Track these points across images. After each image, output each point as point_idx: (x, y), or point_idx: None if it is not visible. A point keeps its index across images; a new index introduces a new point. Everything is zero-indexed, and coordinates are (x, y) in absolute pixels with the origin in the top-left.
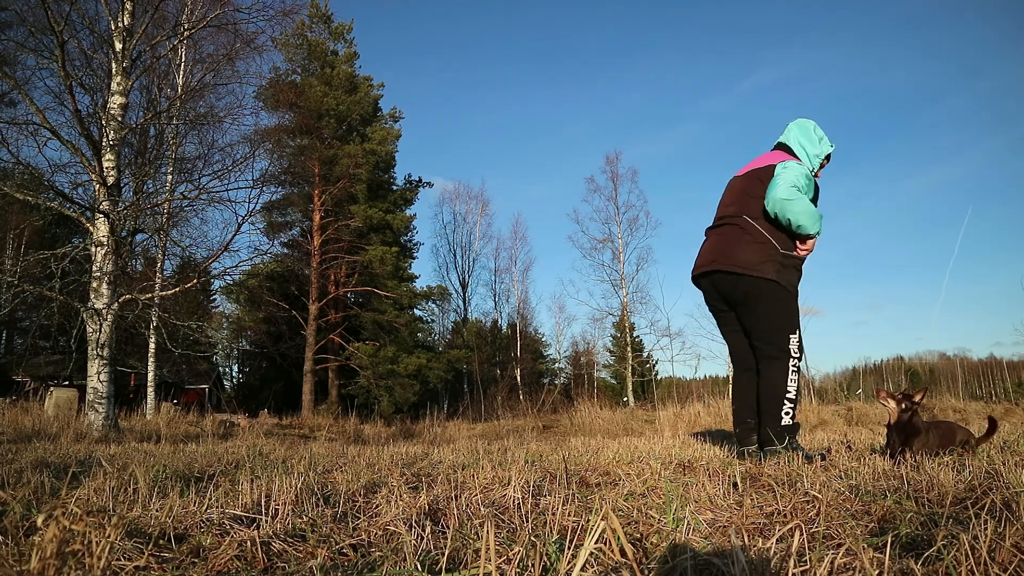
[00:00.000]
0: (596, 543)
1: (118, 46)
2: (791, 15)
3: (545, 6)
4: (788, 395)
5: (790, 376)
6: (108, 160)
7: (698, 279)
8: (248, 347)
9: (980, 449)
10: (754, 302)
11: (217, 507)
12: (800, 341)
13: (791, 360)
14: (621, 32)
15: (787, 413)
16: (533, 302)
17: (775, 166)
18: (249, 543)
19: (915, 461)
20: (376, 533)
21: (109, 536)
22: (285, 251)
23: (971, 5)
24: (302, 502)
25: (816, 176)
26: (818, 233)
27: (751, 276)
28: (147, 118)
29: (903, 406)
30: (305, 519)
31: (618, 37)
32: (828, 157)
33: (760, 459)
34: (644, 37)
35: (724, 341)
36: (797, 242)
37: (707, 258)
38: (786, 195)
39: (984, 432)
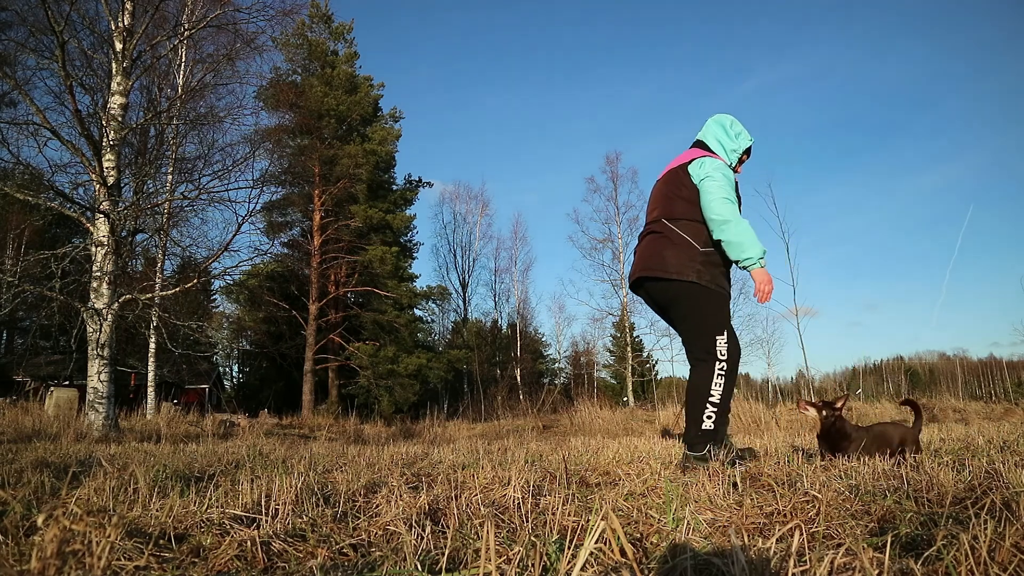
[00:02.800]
0: (596, 543)
1: (118, 46)
2: (793, 15)
3: (545, 6)
4: (712, 398)
5: (716, 379)
6: (108, 160)
7: (634, 287)
8: (248, 347)
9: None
10: (679, 306)
11: (217, 507)
12: (730, 344)
13: (718, 363)
14: (622, 32)
15: (708, 417)
16: (533, 302)
17: (689, 164)
18: (249, 543)
19: (844, 464)
20: (376, 533)
21: (109, 536)
22: (285, 251)
23: (973, 4)
24: (302, 502)
25: (736, 171)
26: (761, 261)
27: (673, 280)
28: (147, 118)
29: (823, 414)
30: (305, 519)
31: (619, 37)
32: (748, 151)
33: (683, 463)
34: (645, 37)
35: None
36: (754, 290)
37: (636, 266)
38: (723, 215)
39: (913, 420)
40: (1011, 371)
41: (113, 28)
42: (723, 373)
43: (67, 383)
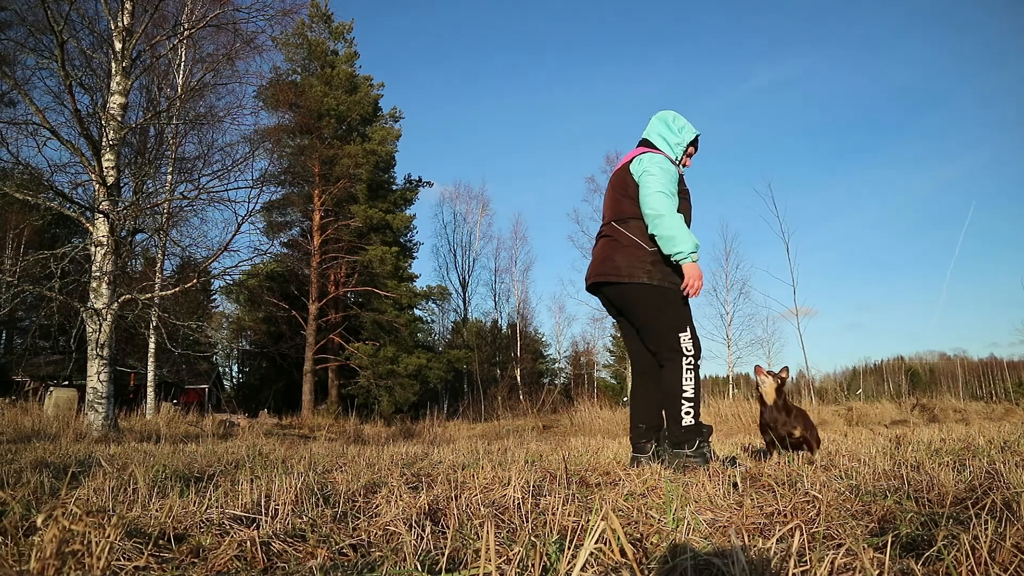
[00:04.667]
0: (596, 543)
1: (118, 46)
2: (795, 14)
3: (546, 6)
4: (685, 394)
5: (685, 375)
6: (108, 160)
7: (591, 291)
8: (248, 347)
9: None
10: (635, 308)
11: (217, 507)
12: (693, 338)
13: (684, 359)
14: (622, 32)
15: (687, 413)
16: (533, 302)
17: (631, 163)
18: (249, 543)
19: (787, 433)
20: (376, 533)
21: (109, 536)
22: (285, 251)
23: (975, 3)
24: (302, 502)
25: (684, 165)
26: (693, 256)
27: (625, 283)
28: (147, 118)
29: (778, 382)
30: (305, 519)
31: (619, 37)
32: (695, 144)
33: (665, 462)
34: (645, 37)
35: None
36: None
37: (590, 270)
38: (658, 209)
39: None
40: (1011, 371)
41: (112, 28)
42: (691, 367)
43: (66, 383)
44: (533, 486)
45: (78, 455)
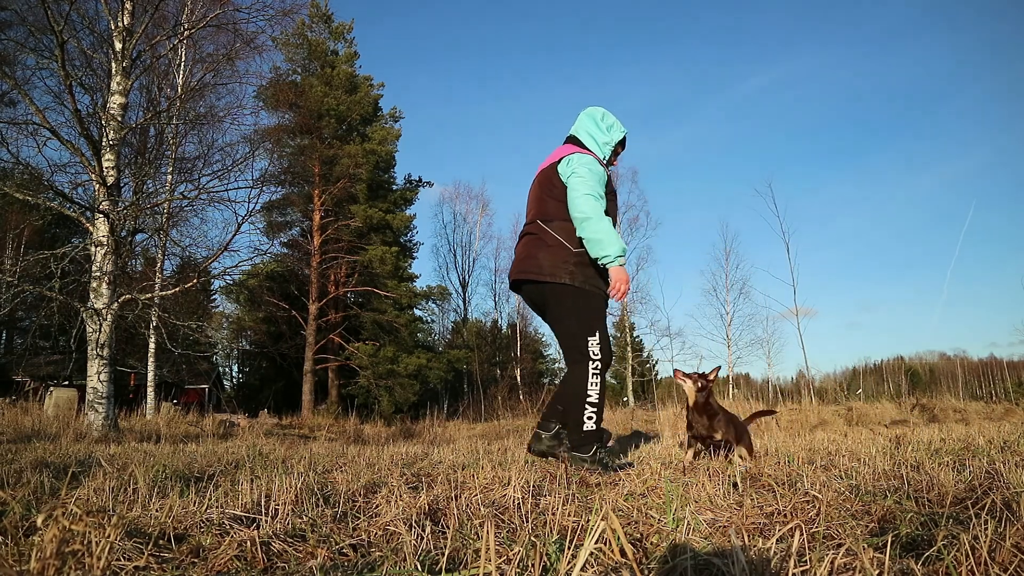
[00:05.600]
0: (596, 543)
1: (118, 46)
2: (794, 14)
3: (546, 6)
4: (590, 399)
5: (591, 380)
6: (108, 160)
7: (513, 288)
8: (248, 347)
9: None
10: (553, 308)
11: (217, 507)
12: (603, 344)
13: (592, 363)
14: (622, 32)
15: (589, 418)
16: None
17: (558, 163)
18: (249, 543)
19: (710, 435)
20: (376, 533)
21: (109, 536)
22: (285, 251)
23: (976, 2)
24: (302, 502)
25: (612, 164)
26: (620, 260)
27: (547, 283)
28: (147, 118)
29: (699, 385)
30: (305, 519)
31: (619, 37)
32: (623, 143)
33: (563, 462)
34: (646, 37)
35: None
36: (609, 288)
37: (513, 268)
38: (585, 212)
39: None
40: (1011, 371)
41: (113, 28)
42: (597, 373)
43: (67, 383)
44: (533, 486)
45: (78, 455)
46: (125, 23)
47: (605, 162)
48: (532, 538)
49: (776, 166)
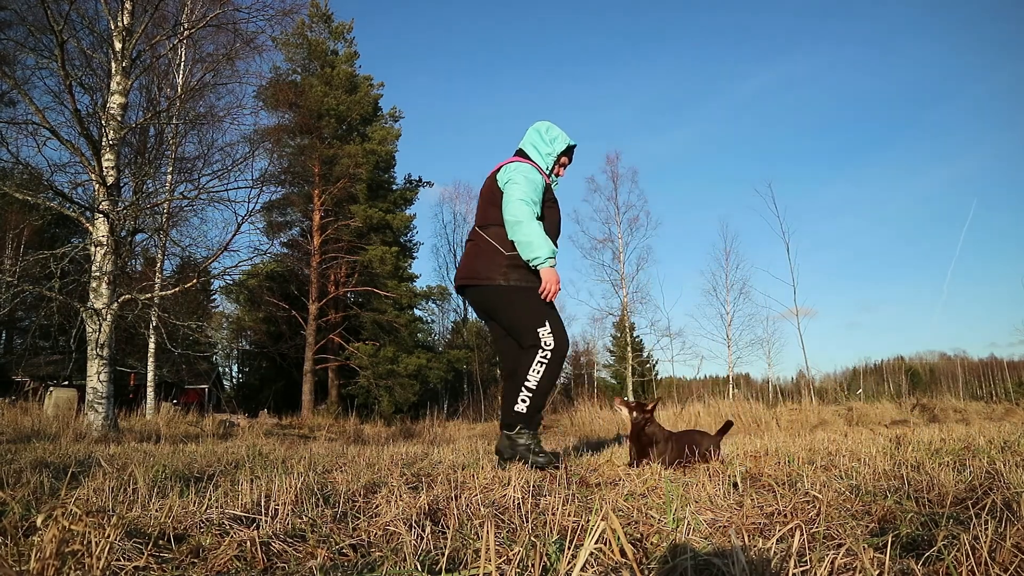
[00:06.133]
0: (596, 543)
1: (118, 46)
2: (794, 14)
3: (546, 6)
4: (527, 383)
5: (534, 366)
6: (108, 160)
7: (458, 292)
8: (248, 347)
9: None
10: (496, 310)
11: (217, 507)
12: (554, 332)
13: (540, 352)
14: (622, 33)
15: (523, 400)
16: None
17: (499, 172)
18: (249, 543)
19: (654, 468)
20: (376, 533)
21: (109, 536)
22: (285, 251)
23: (976, 2)
24: (302, 502)
25: (557, 175)
26: (549, 262)
27: (483, 286)
28: (147, 118)
29: (635, 415)
30: (305, 519)
31: (619, 38)
32: (568, 153)
33: (498, 446)
34: (646, 37)
35: None
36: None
37: (456, 274)
38: (516, 215)
39: (718, 431)
40: (1012, 371)
41: (112, 27)
42: (544, 361)
43: (66, 383)
44: (533, 486)
45: (78, 455)
46: (125, 23)
47: (548, 172)
48: (532, 538)
49: (776, 166)
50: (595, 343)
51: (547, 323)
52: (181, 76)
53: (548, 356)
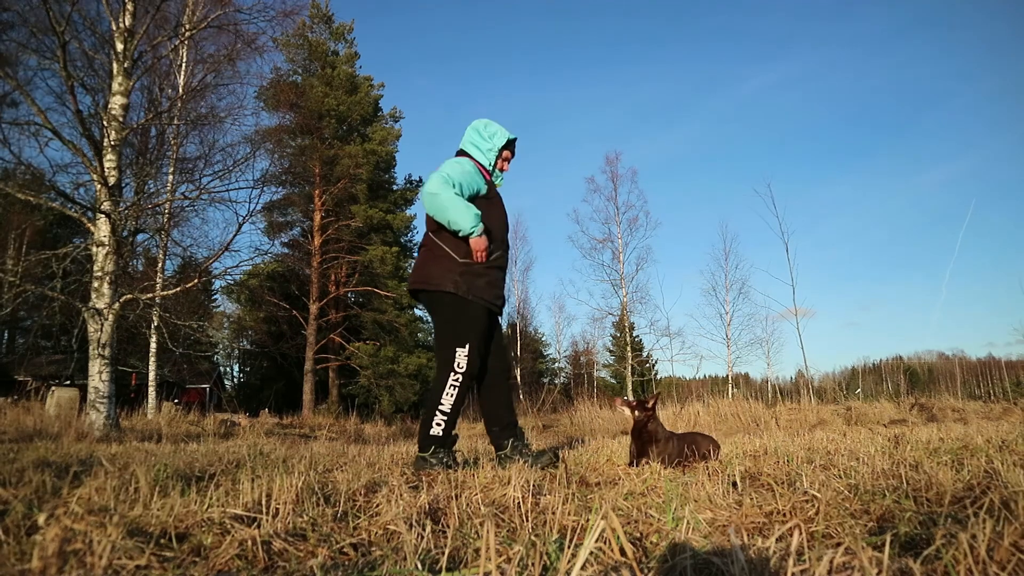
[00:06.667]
0: (596, 542)
1: (119, 47)
2: (795, 14)
3: (546, 7)
4: (442, 407)
5: (447, 389)
6: (109, 160)
7: (411, 296)
8: (249, 347)
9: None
10: (435, 315)
11: (218, 506)
12: (470, 357)
13: (453, 374)
14: (622, 32)
15: (439, 424)
16: (533, 302)
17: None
18: (250, 542)
19: (654, 467)
20: (376, 532)
21: (110, 535)
22: (286, 251)
23: (976, 4)
24: (303, 501)
25: (501, 169)
26: (475, 229)
27: (433, 291)
28: (148, 118)
29: (636, 413)
30: (306, 518)
31: (619, 37)
32: (510, 148)
33: (417, 464)
34: (646, 38)
35: None
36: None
37: (410, 279)
38: (431, 189)
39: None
40: (1009, 371)
41: (114, 29)
42: (456, 384)
43: (68, 383)
44: (533, 486)
45: (80, 454)
46: (126, 24)
47: (491, 168)
48: (532, 537)
49: (776, 166)
50: (595, 343)
51: (467, 345)
52: (182, 77)
53: (459, 380)
